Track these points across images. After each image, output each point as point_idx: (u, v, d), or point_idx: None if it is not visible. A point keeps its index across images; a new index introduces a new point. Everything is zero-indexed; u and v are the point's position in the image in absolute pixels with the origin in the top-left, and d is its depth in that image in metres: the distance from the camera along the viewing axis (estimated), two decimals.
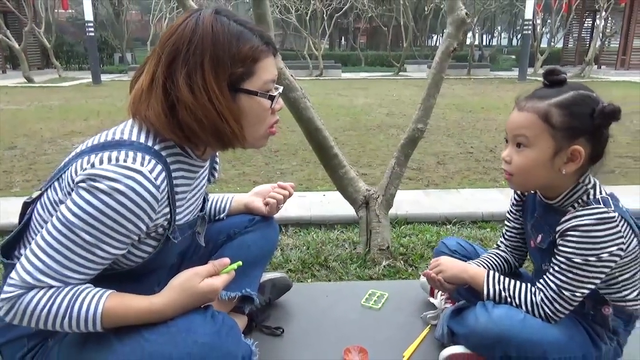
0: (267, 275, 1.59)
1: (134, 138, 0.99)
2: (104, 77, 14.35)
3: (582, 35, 20.76)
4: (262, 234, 1.38)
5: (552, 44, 20.80)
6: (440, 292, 1.52)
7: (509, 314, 1.15)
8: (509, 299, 1.18)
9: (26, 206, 1.09)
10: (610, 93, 10.71)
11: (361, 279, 2.23)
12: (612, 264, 1.12)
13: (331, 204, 3.33)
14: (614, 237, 1.09)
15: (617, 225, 1.09)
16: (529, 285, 1.19)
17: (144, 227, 0.97)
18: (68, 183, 0.97)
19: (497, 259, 1.39)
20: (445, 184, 3.94)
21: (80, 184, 0.93)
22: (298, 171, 4.38)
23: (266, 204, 1.44)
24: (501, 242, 1.43)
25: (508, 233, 1.39)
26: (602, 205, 1.11)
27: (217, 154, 1.30)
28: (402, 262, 2.44)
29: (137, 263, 1.05)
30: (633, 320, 1.22)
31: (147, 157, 0.95)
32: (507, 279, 1.22)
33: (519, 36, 15.74)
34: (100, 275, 1.00)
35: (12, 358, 1.06)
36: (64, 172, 1.00)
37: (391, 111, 7.83)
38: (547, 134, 1.11)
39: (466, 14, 2.52)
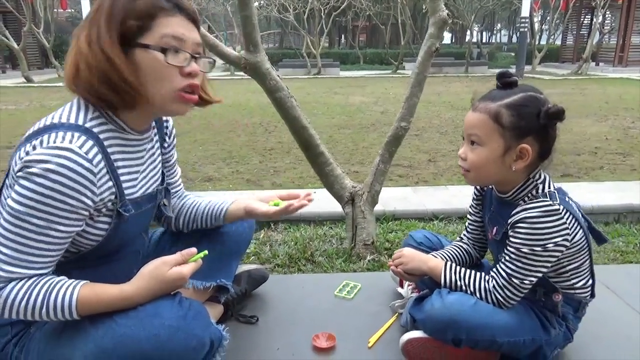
0: (244, 267, 1.66)
1: (64, 120, 1.03)
2: None
3: (581, 32, 20.77)
4: (237, 226, 1.45)
5: (551, 41, 20.83)
6: (407, 282, 1.60)
7: (461, 300, 1.22)
8: (464, 287, 1.26)
9: None
10: (607, 90, 10.78)
11: (345, 273, 2.30)
12: (558, 254, 1.19)
13: (321, 201, 3.38)
14: (558, 228, 1.16)
15: (562, 218, 1.16)
16: (483, 274, 1.27)
17: (89, 202, 1.02)
18: (12, 176, 1.02)
19: (458, 250, 1.47)
20: (435, 181, 4.00)
21: (18, 174, 0.98)
22: (291, 169, 4.44)
23: (295, 206, 1.30)
24: (464, 234, 1.50)
25: (470, 226, 1.47)
26: (548, 199, 1.18)
27: (165, 119, 1.33)
28: (386, 256, 2.50)
29: (97, 242, 1.10)
30: (582, 307, 1.30)
31: (76, 135, 1.00)
32: (462, 269, 1.29)
33: (518, 33, 15.80)
34: (75, 265, 1.07)
35: None
36: (9, 168, 1.06)
37: (386, 109, 7.90)
38: (497, 133, 1.18)
39: (447, 14, 2.59)
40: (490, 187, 1.36)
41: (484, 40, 44.93)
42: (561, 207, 1.16)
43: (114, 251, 1.18)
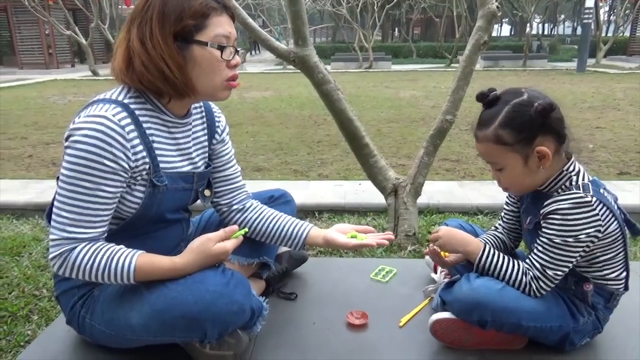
0: (285, 247, 1.77)
1: (106, 96, 1.18)
2: None
3: None
4: (280, 209, 1.55)
5: (619, 32, 19.65)
6: (440, 268, 1.65)
7: (487, 284, 1.26)
8: (498, 276, 1.29)
9: (57, 179, 1.29)
10: None
11: (382, 258, 2.37)
12: (590, 244, 1.20)
13: (365, 192, 3.46)
14: (590, 219, 1.17)
15: (594, 209, 1.17)
16: (520, 265, 1.29)
17: (125, 165, 1.14)
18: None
19: (494, 239, 1.49)
20: (482, 176, 3.97)
21: (65, 144, 1.12)
22: (338, 161, 4.52)
23: (373, 244, 1.32)
24: (499, 224, 1.52)
25: (506, 216, 1.49)
26: (581, 191, 1.19)
27: (217, 114, 1.44)
28: (426, 248, 2.54)
29: (136, 209, 1.22)
30: (614, 298, 1.30)
31: (111, 106, 1.13)
32: (501, 257, 1.32)
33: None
34: (123, 236, 1.22)
35: (67, 305, 1.31)
36: None
37: (437, 104, 7.80)
38: (509, 152, 1.23)
39: (497, 7, 2.57)
40: None
41: (545, 33, 42.99)
42: (593, 199, 1.18)
43: (154, 224, 1.30)
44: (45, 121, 6.81)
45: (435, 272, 1.68)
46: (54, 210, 1.14)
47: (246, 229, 1.26)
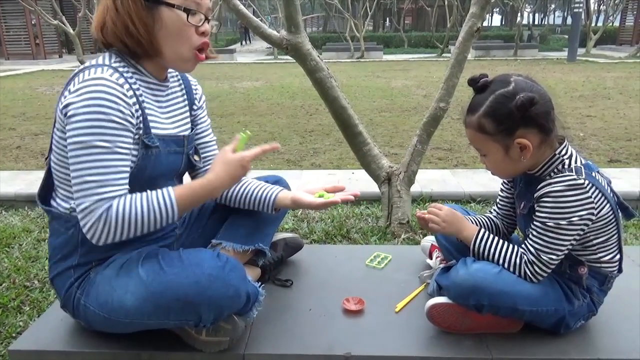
0: (281, 235, 1.76)
1: (93, 62, 1.19)
2: None
3: None
4: None
5: (609, 22, 19.73)
6: (436, 254, 1.65)
7: (485, 268, 1.26)
8: (493, 259, 1.30)
9: (46, 159, 1.30)
10: None
11: (378, 245, 2.37)
12: (585, 227, 1.21)
13: (359, 181, 3.46)
14: (583, 202, 1.17)
15: (587, 192, 1.17)
16: (515, 247, 1.30)
17: (132, 121, 1.16)
18: (61, 120, 1.16)
19: (489, 222, 1.50)
20: (475, 165, 3.98)
21: (67, 112, 1.12)
22: (330, 150, 4.52)
23: (338, 201, 1.34)
24: (494, 209, 1.53)
25: (501, 202, 1.50)
26: (573, 174, 1.19)
27: (194, 83, 1.46)
28: (421, 235, 2.55)
29: (131, 168, 1.21)
30: (608, 281, 1.31)
31: (104, 68, 1.15)
32: (495, 240, 1.32)
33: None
34: None
35: (62, 287, 1.29)
36: (56, 116, 1.20)
37: (429, 93, 7.81)
38: (490, 140, 1.24)
39: None
40: None
41: (536, 22, 43.06)
42: (586, 182, 1.18)
43: (149, 184, 1.25)
44: (33, 112, 6.73)
45: (431, 258, 1.68)
46: (75, 179, 1.13)
47: (248, 132, 1.28)
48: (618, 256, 1.30)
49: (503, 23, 40.96)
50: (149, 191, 1.18)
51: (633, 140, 4.69)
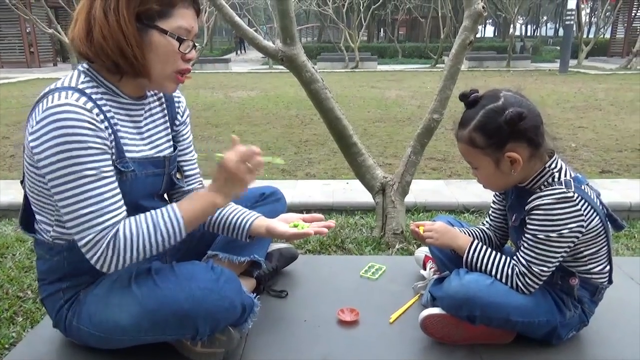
0: (275, 245, 1.78)
1: (58, 85, 1.12)
2: None
3: (633, 24, 19.80)
4: (270, 208, 1.55)
5: (600, 34, 19.98)
6: (429, 265, 1.66)
7: (477, 279, 1.28)
8: (486, 269, 1.32)
9: (22, 183, 1.25)
10: None
11: (372, 256, 2.38)
12: (575, 239, 1.23)
13: (353, 191, 3.48)
14: (572, 215, 1.20)
15: (576, 205, 1.20)
16: (507, 258, 1.32)
17: (107, 142, 1.10)
18: (29, 150, 1.09)
19: (482, 233, 1.53)
20: (468, 175, 4.00)
21: (36, 144, 1.05)
22: (325, 160, 4.53)
23: (311, 233, 1.35)
24: (486, 221, 1.55)
25: (493, 214, 1.52)
26: (563, 187, 1.22)
27: (177, 96, 1.40)
28: (415, 245, 2.56)
29: None
30: (598, 291, 1.33)
31: (68, 92, 1.08)
32: (488, 251, 1.34)
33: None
34: None
35: (53, 309, 1.28)
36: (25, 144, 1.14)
37: (423, 103, 7.86)
38: (481, 154, 1.27)
39: (483, 7, 2.60)
40: None
41: (528, 34, 43.57)
42: (575, 195, 1.20)
43: (130, 212, 1.20)
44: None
45: (425, 269, 1.69)
46: (68, 215, 1.08)
47: (281, 160, 1.28)
48: (608, 267, 1.32)
49: (496, 34, 41.42)
50: (152, 211, 1.16)
51: (624, 152, 4.75)
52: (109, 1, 1.10)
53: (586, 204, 1.21)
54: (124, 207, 1.14)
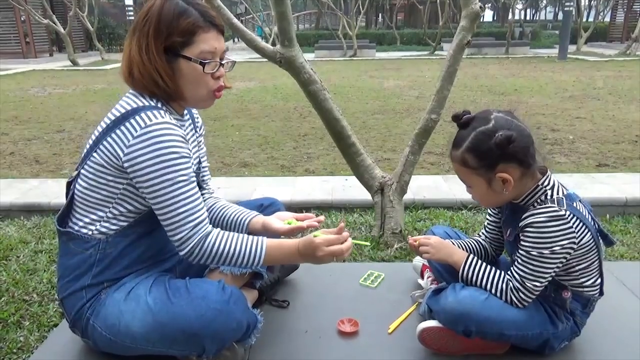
0: None
1: (140, 104, 1.28)
2: None
3: (633, 8, 19.61)
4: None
5: (600, 18, 19.83)
6: (427, 274, 1.70)
7: (473, 295, 1.32)
8: (481, 284, 1.36)
9: (69, 184, 1.38)
10: None
11: (373, 260, 2.42)
12: (567, 255, 1.27)
13: (352, 188, 3.49)
14: (564, 232, 1.24)
15: (568, 222, 1.24)
16: (502, 273, 1.36)
17: (192, 154, 1.28)
18: (114, 156, 1.25)
19: (477, 245, 1.57)
20: None
21: (139, 157, 1.21)
22: (324, 155, 4.55)
23: (304, 227, 1.50)
24: (482, 232, 1.59)
25: (489, 226, 1.56)
26: (555, 205, 1.25)
27: (196, 113, 1.57)
28: (409, 237, 2.60)
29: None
30: (590, 304, 1.38)
31: (160, 112, 1.25)
32: (483, 266, 1.39)
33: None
34: (143, 228, 1.32)
35: (73, 308, 1.34)
36: (96, 150, 1.28)
37: (422, 93, 7.85)
38: (473, 174, 1.31)
39: (480, 7, 2.60)
40: None
41: (528, 18, 43.23)
42: (567, 213, 1.24)
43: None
44: (25, 115, 6.69)
45: (422, 278, 1.73)
46: (166, 215, 1.23)
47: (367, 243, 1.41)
48: (599, 280, 1.36)
49: (494, 19, 41.10)
50: (244, 235, 1.29)
51: (621, 144, 4.77)
52: (141, 42, 1.27)
53: (578, 220, 1.25)
54: (204, 213, 1.29)
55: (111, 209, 1.32)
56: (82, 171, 1.31)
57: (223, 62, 1.33)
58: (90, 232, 1.33)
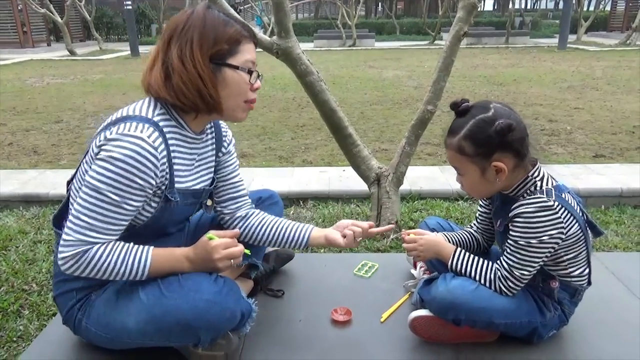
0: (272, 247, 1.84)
1: (137, 112, 1.23)
2: (142, 49, 14.67)
3: None
4: (268, 210, 1.60)
5: (600, 7, 19.71)
6: (419, 264, 1.73)
7: (462, 284, 1.35)
8: (470, 275, 1.38)
9: (68, 184, 1.37)
10: None
11: (369, 250, 2.45)
12: (555, 245, 1.29)
13: (350, 179, 3.52)
14: (552, 222, 1.26)
15: (557, 213, 1.26)
16: (490, 263, 1.38)
17: (153, 182, 1.21)
18: (91, 157, 1.22)
19: (469, 236, 1.59)
20: None
21: (98, 155, 1.18)
22: (322, 146, 4.56)
23: (344, 236, 1.47)
24: (474, 224, 1.61)
25: (480, 217, 1.58)
26: (544, 196, 1.27)
27: (225, 129, 1.52)
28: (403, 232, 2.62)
29: (147, 219, 1.30)
30: (578, 293, 1.40)
31: (146, 126, 1.19)
32: (471, 258, 1.41)
33: None
34: (132, 241, 1.27)
35: (64, 306, 1.36)
36: (88, 151, 1.26)
37: (420, 84, 7.84)
38: (468, 162, 1.32)
39: None
40: None
41: (528, 7, 42.95)
42: (555, 203, 1.26)
43: (160, 231, 1.38)
44: (23, 105, 6.69)
45: (415, 268, 1.76)
46: (73, 212, 1.18)
47: (248, 251, 1.33)
48: (587, 270, 1.39)
49: (495, 8, 40.82)
50: (130, 245, 1.24)
51: (618, 134, 4.78)
52: (184, 50, 1.21)
53: (566, 211, 1.27)
54: (115, 236, 1.23)
55: None
56: (78, 172, 1.31)
57: (260, 75, 1.32)
58: None
